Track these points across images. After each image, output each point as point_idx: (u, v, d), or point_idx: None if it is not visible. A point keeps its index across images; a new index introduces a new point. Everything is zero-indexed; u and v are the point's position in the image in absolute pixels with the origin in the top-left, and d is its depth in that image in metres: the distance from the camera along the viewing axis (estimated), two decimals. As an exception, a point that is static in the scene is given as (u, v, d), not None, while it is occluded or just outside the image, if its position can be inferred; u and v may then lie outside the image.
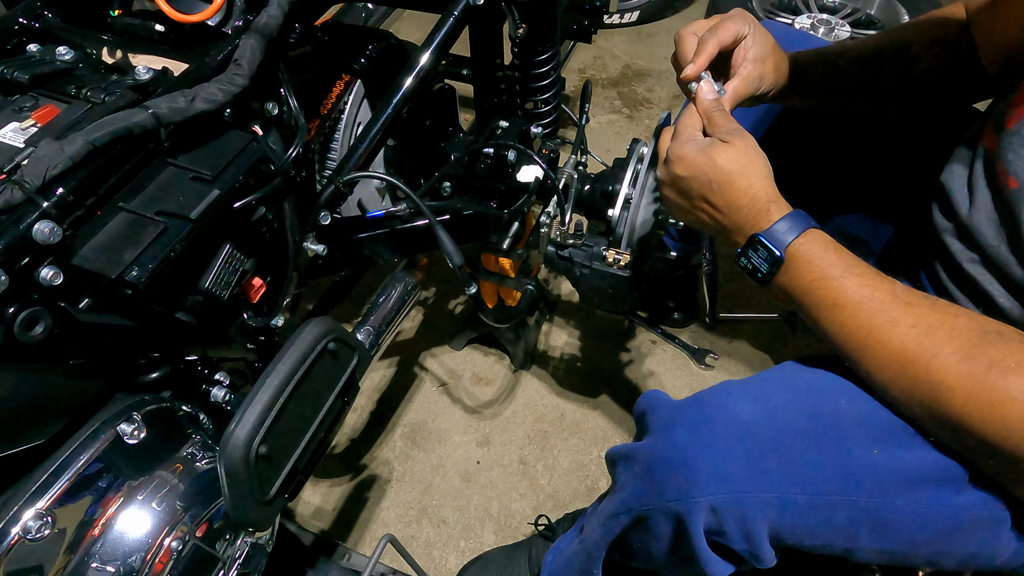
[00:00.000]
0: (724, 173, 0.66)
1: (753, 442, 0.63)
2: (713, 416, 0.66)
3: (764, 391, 0.68)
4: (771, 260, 0.64)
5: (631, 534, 0.74)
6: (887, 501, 0.61)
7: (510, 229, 1.02)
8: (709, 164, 0.67)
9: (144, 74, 0.71)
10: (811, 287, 0.62)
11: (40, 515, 0.59)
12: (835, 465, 0.62)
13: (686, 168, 0.68)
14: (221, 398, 0.77)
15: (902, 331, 0.56)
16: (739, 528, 0.63)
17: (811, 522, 0.62)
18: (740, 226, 0.67)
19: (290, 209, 0.79)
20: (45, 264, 0.57)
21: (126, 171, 0.64)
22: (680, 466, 0.65)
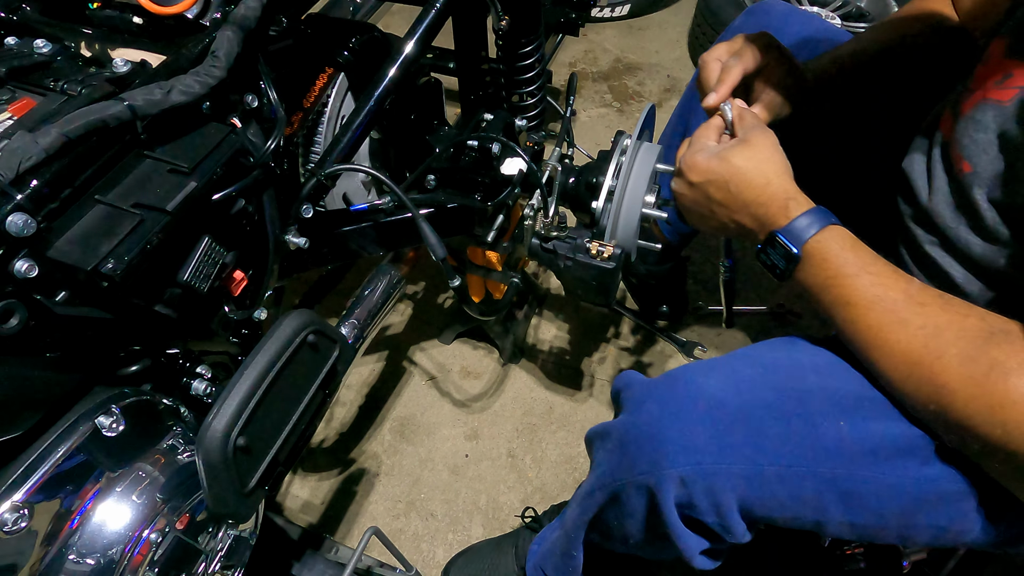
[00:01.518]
0: (740, 172, 0.67)
1: (721, 415, 0.65)
2: (683, 391, 0.67)
3: (733, 367, 0.69)
4: (788, 257, 0.64)
5: (607, 512, 0.75)
6: (853, 472, 0.62)
7: (495, 222, 1.02)
8: (725, 166, 0.68)
9: (122, 67, 0.71)
10: (826, 284, 0.63)
11: (16, 508, 0.59)
12: (802, 436, 0.63)
13: (700, 174, 0.70)
14: (202, 391, 0.77)
15: (910, 332, 0.56)
16: (709, 500, 0.64)
17: (780, 494, 0.63)
18: (761, 224, 0.67)
19: (270, 202, 0.79)
20: (19, 256, 0.57)
21: (102, 163, 0.64)
22: (650, 439, 0.66)
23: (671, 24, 2.41)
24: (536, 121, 1.21)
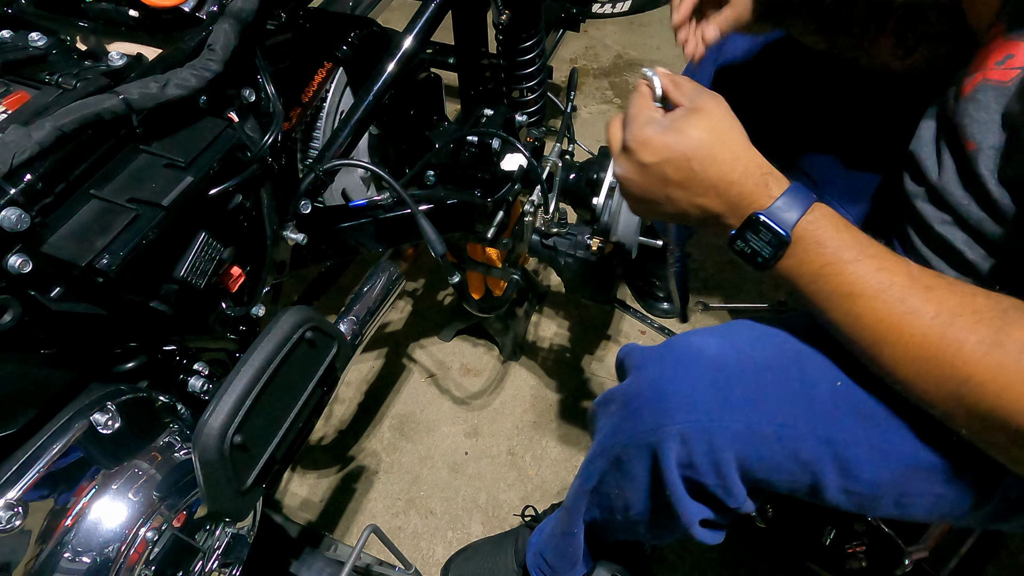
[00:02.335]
0: (704, 146, 0.57)
1: (720, 373, 0.65)
2: (684, 352, 0.68)
3: (732, 331, 0.70)
4: (776, 243, 0.56)
5: (609, 479, 0.76)
6: (849, 434, 0.62)
7: (495, 218, 1.02)
8: (684, 140, 0.58)
9: (117, 60, 0.70)
10: (822, 272, 0.55)
11: (10, 505, 0.58)
12: (798, 396, 0.63)
13: (655, 152, 0.59)
14: (199, 388, 0.76)
15: (925, 322, 0.51)
16: (709, 459, 0.64)
17: (777, 454, 0.63)
18: (734, 205, 0.58)
19: (267, 197, 0.78)
20: (13, 252, 0.56)
21: (97, 158, 0.63)
22: (652, 398, 0.67)
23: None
24: (537, 117, 1.20)
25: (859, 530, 1.04)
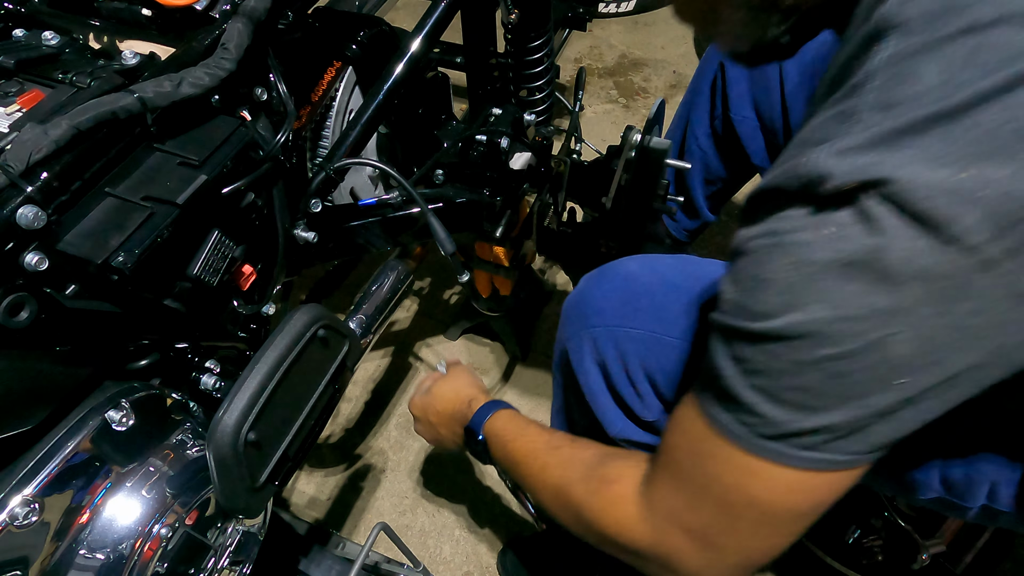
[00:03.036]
0: (438, 395, 0.91)
1: (633, 285, 0.77)
2: (607, 270, 0.81)
3: (655, 259, 0.82)
4: (475, 441, 0.80)
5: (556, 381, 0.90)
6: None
7: (503, 217, 1.02)
8: (429, 395, 0.93)
9: (131, 59, 0.70)
10: (503, 453, 0.76)
11: (27, 502, 0.58)
12: (695, 316, 0.71)
13: (417, 408, 0.94)
14: (211, 386, 0.77)
15: (552, 472, 0.67)
16: (619, 363, 0.74)
17: (676, 366, 0.71)
18: (457, 424, 0.85)
19: (279, 196, 0.79)
20: (30, 249, 0.57)
21: (112, 156, 0.63)
22: (576, 307, 0.81)
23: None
24: (545, 116, 1.20)
25: (876, 525, 1.04)
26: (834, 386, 0.41)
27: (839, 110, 0.38)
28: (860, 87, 0.37)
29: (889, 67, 0.36)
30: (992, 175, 0.34)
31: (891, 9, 0.37)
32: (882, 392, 0.40)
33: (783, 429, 0.44)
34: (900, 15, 0.36)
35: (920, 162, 0.35)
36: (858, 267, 0.37)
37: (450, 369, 0.97)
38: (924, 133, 0.35)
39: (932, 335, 0.38)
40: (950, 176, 0.34)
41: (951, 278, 0.36)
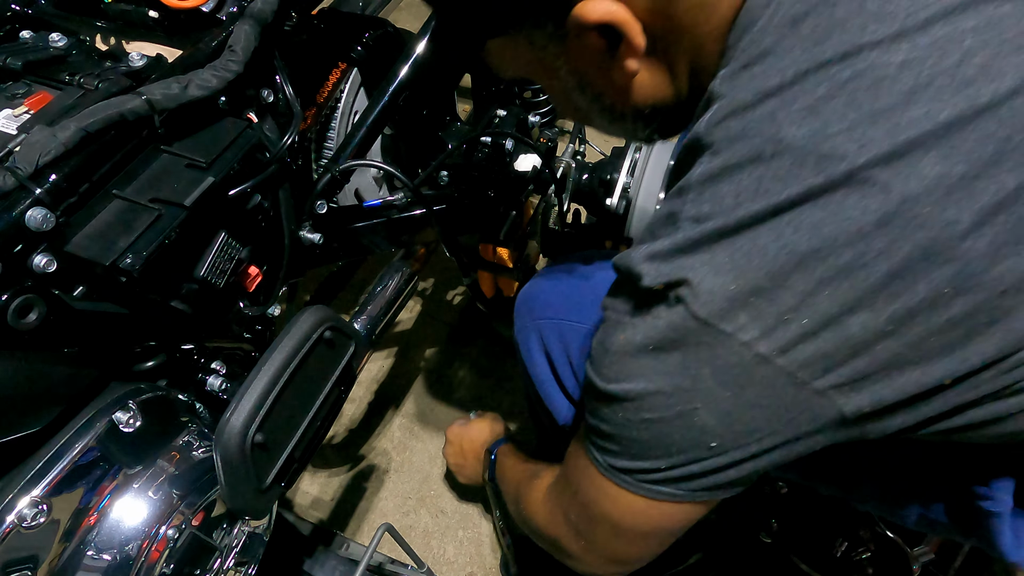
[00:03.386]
0: (475, 427, 1.17)
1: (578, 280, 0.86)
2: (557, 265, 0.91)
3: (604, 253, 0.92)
4: (491, 462, 1.04)
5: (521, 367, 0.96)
6: None
7: (508, 219, 1.02)
8: (467, 427, 1.18)
9: (138, 61, 0.70)
10: (502, 473, 0.96)
11: (35, 503, 0.58)
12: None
13: (453, 433, 1.20)
14: (217, 387, 0.77)
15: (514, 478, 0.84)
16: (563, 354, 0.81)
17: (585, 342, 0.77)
18: (482, 450, 1.10)
19: (285, 197, 0.79)
20: (38, 251, 0.57)
21: (120, 158, 0.63)
22: (524, 301, 0.89)
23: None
24: (549, 117, 1.20)
25: (864, 536, 1.04)
26: (657, 442, 0.48)
27: (670, 210, 0.45)
28: (684, 193, 0.43)
29: (699, 184, 0.43)
30: (761, 285, 0.40)
31: (702, 129, 0.43)
32: (697, 450, 0.47)
33: (623, 464, 0.52)
34: (708, 136, 0.43)
35: (708, 270, 0.41)
36: (666, 351, 0.45)
37: (486, 414, 1.21)
38: (714, 245, 0.41)
39: (730, 411, 0.45)
40: (728, 284, 0.41)
41: (737, 367, 0.43)
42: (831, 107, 0.39)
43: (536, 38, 0.50)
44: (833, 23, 0.40)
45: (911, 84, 0.38)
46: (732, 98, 0.42)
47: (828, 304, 0.40)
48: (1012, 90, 0.38)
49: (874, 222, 0.38)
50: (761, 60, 0.42)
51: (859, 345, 0.40)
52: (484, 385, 1.47)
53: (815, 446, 0.47)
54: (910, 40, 0.38)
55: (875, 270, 0.39)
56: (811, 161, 0.39)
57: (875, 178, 0.38)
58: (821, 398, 0.43)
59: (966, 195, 0.38)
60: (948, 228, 0.38)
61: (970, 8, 0.38)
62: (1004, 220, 0.38)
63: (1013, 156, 0.38)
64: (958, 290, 0.38)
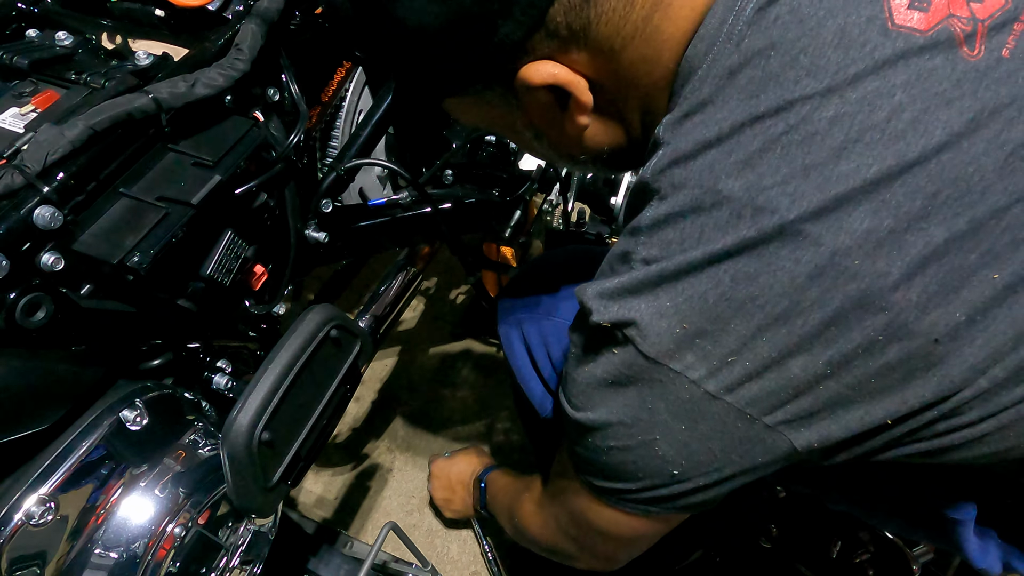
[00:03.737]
0: (460, 459, 1.18)
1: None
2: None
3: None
4: (481, 490, 1.06)
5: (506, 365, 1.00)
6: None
7: (512, 218, 1.02)
8: (451, 460, 1.19)
9: (144, 59, 0.70)
10: (492, 498, 1.02)
11: (43, 501, 0.58)
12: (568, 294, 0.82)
13: (438, 467, 1.20)
14: (223, 385, 0.77)
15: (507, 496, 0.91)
16: (542, 348, 0.82)
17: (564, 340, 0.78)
18: (470, 479, 1.12)
19: (291, 196, 0.79)
20: (46, 249, 0.57)
21: (127, 156, 0.63)
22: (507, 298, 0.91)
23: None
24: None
25: (864, 539, 1.04)
26: (624, 468, 0.51)
27: (624, 249, 0.46)
28: (636, 234, 0.45)
29: (649, 227, 0.44)
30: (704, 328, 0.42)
31: (649, 174, 0.45)
32: (661, 477, 0.49)
33: (600, 484, 0.55)
34: (655, 182, 0.44)
35: (653, 312, 0.43)
36: (622, 385, 0.46)
37: (469, 447, 1.24)
38: (658, 288, 0.43)
39: (687, 443, 0.46)
40: (673, 326, 0.42)
41: (688, 402, 0.44)
42: (765, 161, 0.40)
43: (489, 98, 0.52)
44: (768, 75, 0.41)
45: (841, 139, 0.39)
46: (675, 147, 0.44)
47: (768, 348, 0.41)
48: (941, 145, 0.38)
49: (807, 274, 0.39)
50: (701, 110, 0.43)
51: (801, 385, 0.42)
52: (487, 383, 1.47)
53: (775, 469, 0.48)
54: (840, 95, 0.39)
55: (810, 318, 0.40)
56: (747, 213, 0.40)
57: (807, 232, 0.39)
58: (772, 432, 0.44)
59: (896, 248, 0.39)
60: (879, 280, 0.39)
61: (900, 63, 0.39)
62: (934, 272, 0.39)
63: (942, 210, 0.39)
64: (891, 338, 0.40)
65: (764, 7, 0.42)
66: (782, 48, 0.41)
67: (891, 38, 0.39)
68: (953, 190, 0.39)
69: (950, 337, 0.40)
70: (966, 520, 0.62)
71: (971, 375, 0.41)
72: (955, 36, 0.40)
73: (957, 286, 0.39)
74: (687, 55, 0.45)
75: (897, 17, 0.40)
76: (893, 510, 0.69)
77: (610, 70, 0.48)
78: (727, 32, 0.43)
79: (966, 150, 0.39)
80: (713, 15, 0.44)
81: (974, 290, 0.39)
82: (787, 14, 0.41)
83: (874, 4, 0.40)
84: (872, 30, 0.40)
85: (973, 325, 0.40)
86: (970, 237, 0.39)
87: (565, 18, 0.44)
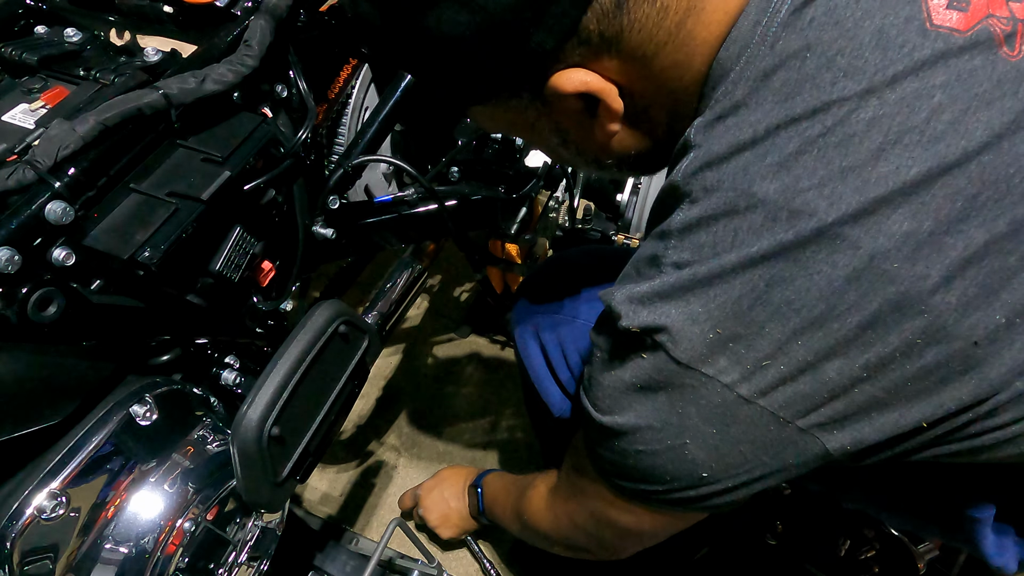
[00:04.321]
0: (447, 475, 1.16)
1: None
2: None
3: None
4: (478, 495, 1.05)
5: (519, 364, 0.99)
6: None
7: (518, 214, 1.02)
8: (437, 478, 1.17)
9: (153, 56, 0.71)
10: (490, 501, 1.01)
11: (54, 495, 0.59)
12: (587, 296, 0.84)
13: (426, 488, 1.16)
14: (231, 381, 0.77)
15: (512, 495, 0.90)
16: (557, 348, 0.83)
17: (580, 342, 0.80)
18: (464, 487, 1.12)
19: (299, 192, 0.79)
20: (57, 244, 0.57)
21: (137, 152, 0.64)
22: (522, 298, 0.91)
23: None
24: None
25: (869, 536, 1.04)
26: (651, 471, 0.50)
27: (653, 253, 0.45)
28: (666, 238, 0.44)
29: (680, 231, 0.44)
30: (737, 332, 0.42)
31: (680, 177, 0.44)
32: (689, 479, 0.49)
33: (623, 484, 0.55)
34: (686, 185, 0.44)
35: (685, 318, 0.43)
36: (652, 390, 0.46)
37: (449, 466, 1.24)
38: (690, 294, 0.42)
39: (717, 446, 0.46)
40: (706, 331, 0.42)
41: (720, 406, 0.44)
42: (801, 163, 0.40)
43: (515, 104, 0.51)
44: (803, 77, 0.40)
45: (880, 141, 0.39)
46: (707, 149, 0.43)
47: (804, 352, 0.41)
48: (981, 146, 0.38)
49: (844, 277, 0.39)
50: (734, 112, 0.42)
51: (837, 389, 0.42)
52: (492, 380, 1.47)
53: (805, 471, 0.48)
54: (879, 96, 0.39)
55: (847, 322, 0.40)
56: (783, 216, 0.40)
57: (845, 235, 0.39)
58: (805, 435, 0.44)
59: (935, 251, 0.38)
60: (918, 283, 0.39)
61: (939, 63, 0.39)
62: (974, 274, 0.39)
63: (982, 212, 0.38)
64: (930, 341, 0.40)
65: (799, 8, 0.41)
66: (818, 49, 0.40)
67: (930, 38, 0.39)
68: (993, 192, 0.38)
69: (989, 340, 0.40)
70: (984, 518, 0.62)
71: (1009, 377, 0.40)
72: (995, 36, 0.39)
73: (997, 288, 0.39)
74: (719, 57, 0.44)
75: (936, 17, 0.39)
76: (910, 508, 0.69)
77: (641, 76, 0.47)
78: (761, 34, 0.42)
79: (1007, 151, 0.38)
80: (746, 17, 0.43)
81: (1014, 292, 0.39)
82: (823, 15, 0.41)
83: (912, 4, 0.40)
84: (910, 30, 0.39)
85: (1012, 328, 0.40)
86: (1010, 239, 0.39)
87: (598, 26, 0.44)
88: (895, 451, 0.46)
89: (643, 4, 0.43)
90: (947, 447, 0.46)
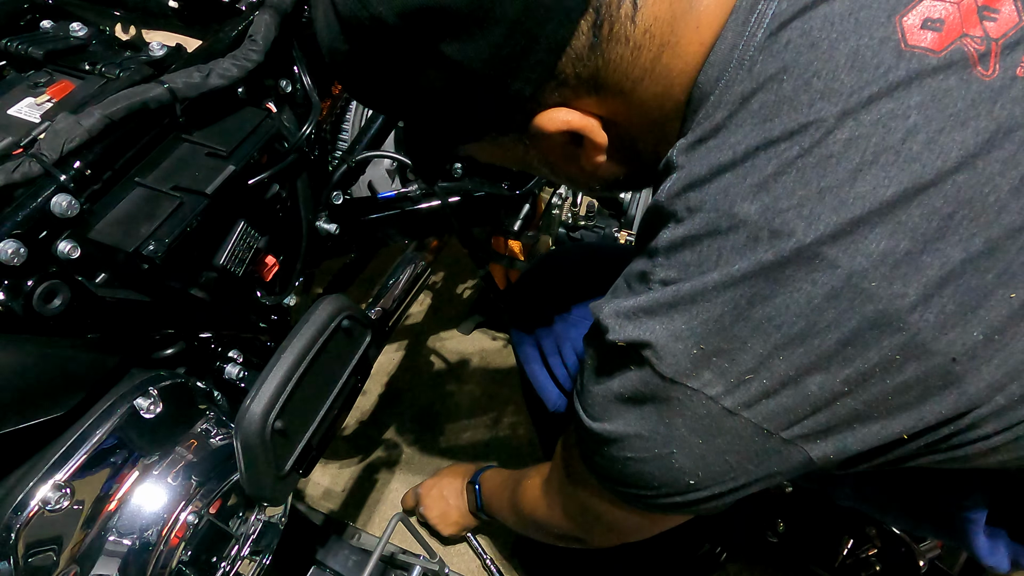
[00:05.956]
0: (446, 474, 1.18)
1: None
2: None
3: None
4: (476, 493, 1.06)
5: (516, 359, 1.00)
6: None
7: (521, 211, 1.02)
8: (436, 476, 1.19)
9: (158, 50, 0.71)
10: (489, 496, 1.03)
11: (59, 487, 0.59)
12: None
13: (426, 487, 1.18)
14: (235, 375, 0.77)
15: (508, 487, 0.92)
16: (553, 343, 0.84)
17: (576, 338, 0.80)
18: (463, 485, 1.13)
19: (303, 187, 0.79)
20: (63, 238, 0.57)
21: (142, 146, 0.64)
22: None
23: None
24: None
25: (871, 534, 1.04)
26: (640, 477, 0.51)
27: (642, 269, 0.47)
28: (654, 256, 0.45)
29: (668, 250, 0.45)
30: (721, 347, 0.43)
31: (663, 197, 0.45)
32: (676, 486, 0.50)
33: (613, 487, 0.56)
34: (670, 205, 0.45)
35: (668, 334, 0.44)
36: (640, 402, 0.47)
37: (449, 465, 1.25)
38: (673, 311, 0.43)
39: (703, 455, 0.47)
40: (690, 347, 0.43)
41: (706, 418, 0.45)
42: (780, 184, 0.40)
43: (504, 141, 0.53)
44: (781, 99, 0.41)
45: (856, 161, 0.39)
46: (689, 171, 0.44)
47: (785, 366, 0.42)
48: (956, 165, 0.38)
49: (823, 295, 0.40)
50: (715, 135, 0.43)
51: (819, 402, 0.43)
52: (494, 377, 1.47)
53: (791, 477, 0.49)
54: (855, 117, 0.39)
55: (827, 339, 0.41)
56: (764, 236, 0.40)
57: (823, 254, 0.39)
58: (789, 445, 0.45)
59: (912, 269, 0.39)
60: (895, 301, 0.39)
61: (914, 84, 0.39)
62: (952, 292, 0.39)
63: (958, 231, 0.39)
64: (908, 357, 0.40)
65: (775, 32, 0.42)
66: (795, 72, 0.41)
67: (905, 59, 0.39)
68: (969, 211, 0.39)
69: (968, 356, 0.40)
70: (977, 518, 0.63)
71: (988, 392, 0.41)
72: (969, 56, 0.39)
73: (974, 306, 0.39)
74: (699, 81, 0.45)
75: (910, 38, 0.40)
76: (903, 507, 0.70)
77: (622, 109, 0.49)
78: (738, 58, 0.43)
79: (982, 170, 0.39)
80: (723, 41, 0.44)
81: (991, 310, 0.40)
82: (799, 38, 0.41)
83: (887, 25, 0.40)
84: (885, 51, 0.40)
85: (991, 344, 0.40)
86: (987, 257, 0.39)
87: (574, 68, 0.45)
88: (878, 460, 0.47)
89: (616, 45, 0.44)
90: (930, 457, 0.47)
